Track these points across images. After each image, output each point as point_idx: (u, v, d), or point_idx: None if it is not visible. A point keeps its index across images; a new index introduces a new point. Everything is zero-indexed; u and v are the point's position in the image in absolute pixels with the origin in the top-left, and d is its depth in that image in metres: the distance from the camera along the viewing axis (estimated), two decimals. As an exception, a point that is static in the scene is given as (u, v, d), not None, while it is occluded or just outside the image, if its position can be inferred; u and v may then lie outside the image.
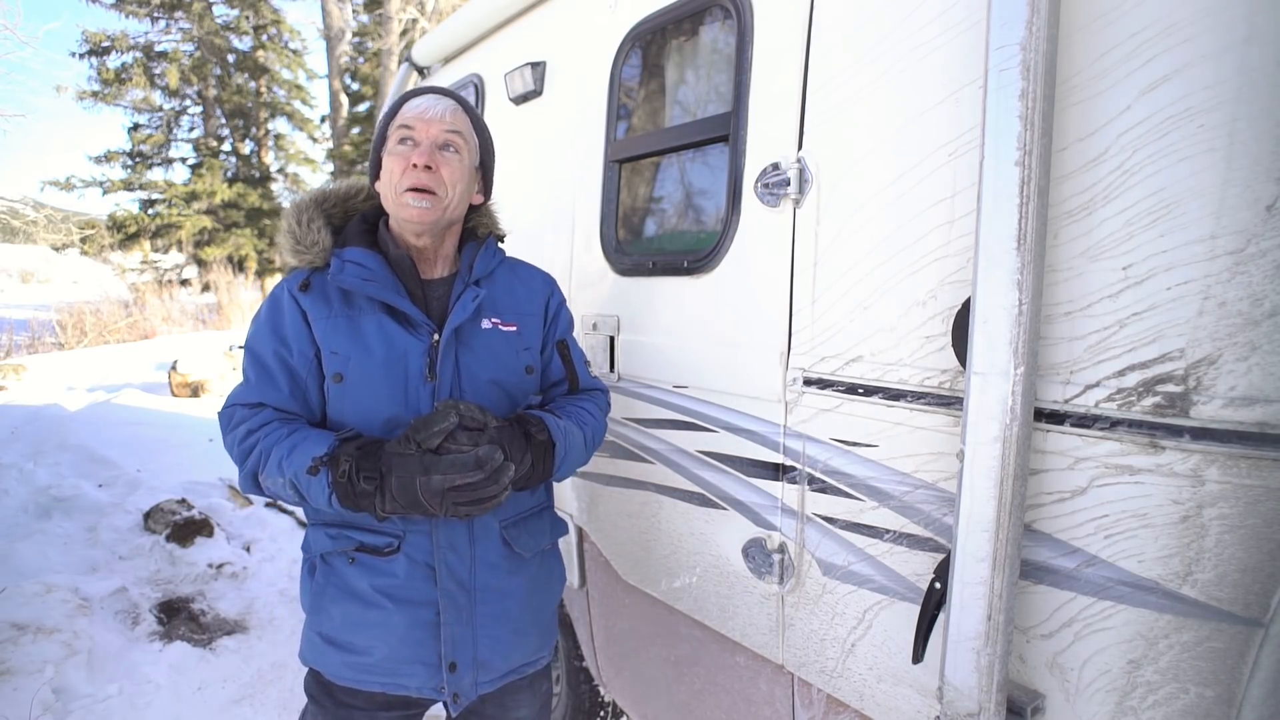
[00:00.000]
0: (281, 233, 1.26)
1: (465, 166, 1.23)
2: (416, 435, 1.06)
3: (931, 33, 1.01)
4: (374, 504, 1.07)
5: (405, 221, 1.19)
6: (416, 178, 1.17)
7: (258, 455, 1.13)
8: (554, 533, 1.38)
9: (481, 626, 1.24)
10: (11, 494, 3.92)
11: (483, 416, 1.11)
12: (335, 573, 1.22)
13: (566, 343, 1.39)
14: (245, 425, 1.17)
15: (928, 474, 1.03)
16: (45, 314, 12.92)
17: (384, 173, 1.22)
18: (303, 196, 1.30)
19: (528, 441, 1.17)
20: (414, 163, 1.16)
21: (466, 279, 1.26)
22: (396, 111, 1.24)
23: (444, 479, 1.03)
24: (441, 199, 1.19)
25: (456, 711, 1.25)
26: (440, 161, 1.19)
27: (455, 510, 1.06)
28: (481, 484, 1.05)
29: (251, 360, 1.21)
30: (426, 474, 1.03)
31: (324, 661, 1.24)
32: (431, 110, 1.20)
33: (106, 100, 15.89)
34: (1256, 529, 0.73)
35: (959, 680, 0.89)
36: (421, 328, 1.19)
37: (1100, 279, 0.83)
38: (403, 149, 1.19)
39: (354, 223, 1.28)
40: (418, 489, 1.03)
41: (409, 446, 1.06)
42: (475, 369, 1.22)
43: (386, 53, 12.17)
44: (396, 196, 1.18)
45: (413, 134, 1.19)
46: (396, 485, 1.04)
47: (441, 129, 1.20)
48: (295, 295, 1.20)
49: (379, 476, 1.06)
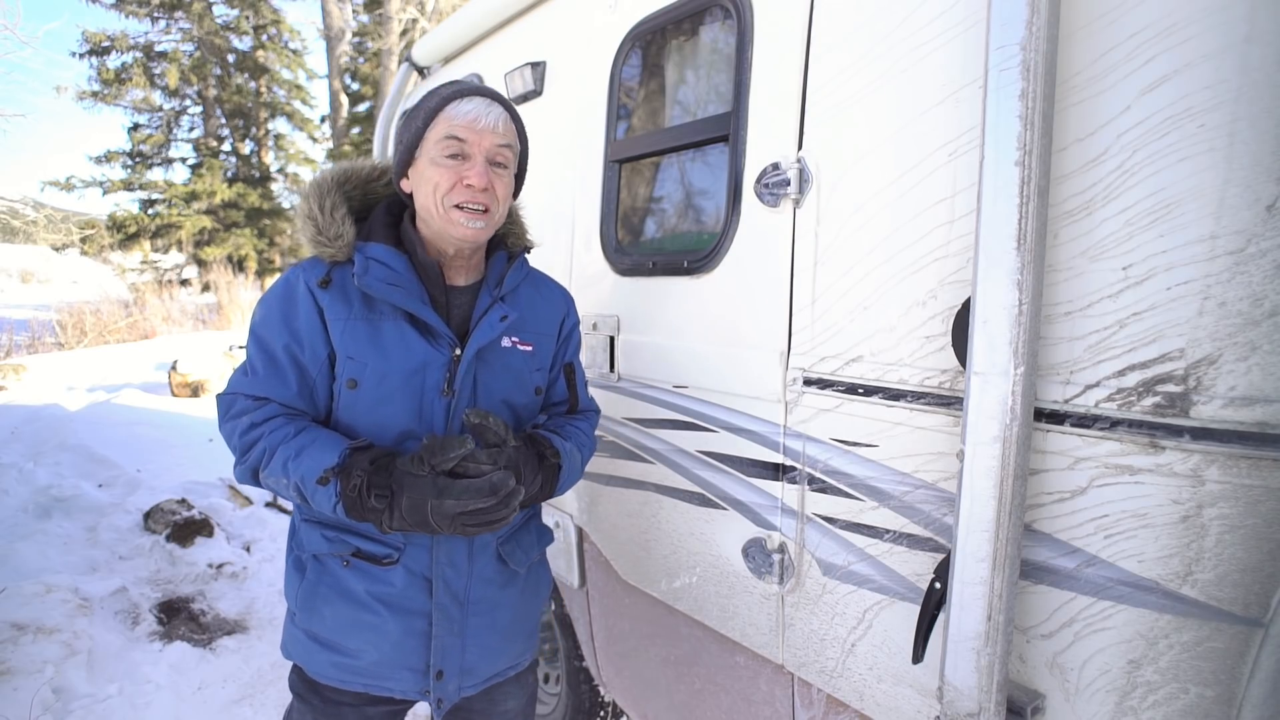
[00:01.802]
0: (301, 217, 1.17)
1: (511, 178, 1.19)
2: (431, 459, 1.03)
3: (931, 33, 1.01)
4: (381, 520, 1.05)
5: (454, 239, 1.14)
6: (472, 196, 1.11)
7: (260, 452, 1.10)
8: (541, 543, 1.38)
9: (471, 636, 1.24)
10: (11, 494, 3.92)
11: (505, 434, 1.10)
12: (328, 573, 1.19)
13: (573, 366, 1.39)
14: (248, 417, 1.12)
15: (928, 474, 1.03)
16: (45, 314, 12.91)
17: (424, 181, 1.14)
18: (324, 175, 1.22)
19: (540, 464, 1.17)
20: (469, 182, 1.11)
21: (494, 292, 1.22)
22: (437, 111, 1.14)
23: (457, 504, 1.01)
24: (493, 215, 1.15)
25: (440, 715, 1.25)
26: (494, 179, 1.13)
27: (463, 531, 1.04)
28: (492, 509, 1.03)
29: (259, 350, 1.15)
30: (440, 498, 1.01)
31: (310, 660, 1.22)
32: (484, 120, 1.12)
33: (106, 100, 15.89)
34: (1256, 529, 0.72)
35: (959, 680, 0.89)
36: (443, 339, 1.15)
37: (1100, 279, 0.83)
38: (452, 162, 1.12)
39: (379, 213, 1.22)
40: (428, 512, 1.02)
41: (422, 468, 1.03)
42: (493, 387, 1.21)
43: (386, 53, 12.17)
44: (443, 211, 1.12)
45: (464, 146, 1.12)
46: (407, 505, 1.02)
47: (495, 143, 1.13)
48: (314, 291, 1.13)
49: (390, 494, 1.04)
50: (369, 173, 1.27)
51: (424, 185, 1.14)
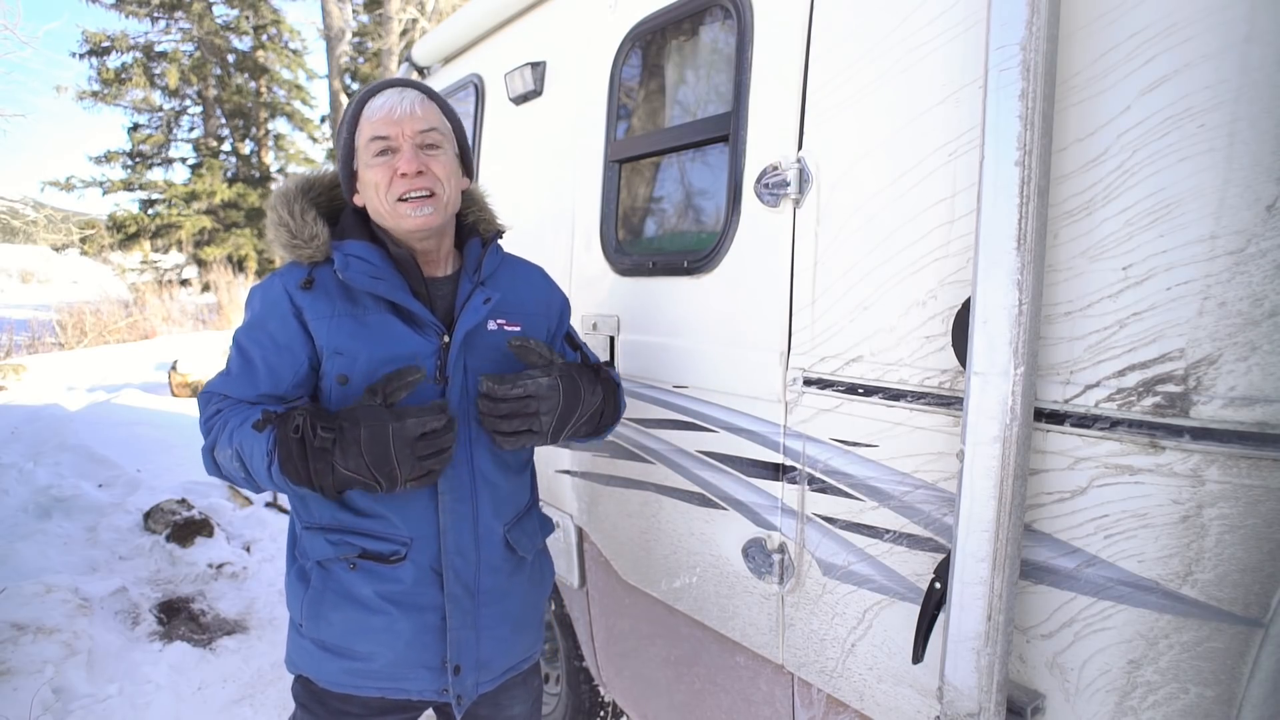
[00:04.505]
0: (272, 226, 1.18)
1: (451, 157, 1.18)
2: (385, 388, 1.05)
3: (931, 33, 1.01)
4: (329, 463, 1.00)
5: (408, 231, 1.15)
6: (410, 184, 1.11)
7: (216, 429, 1.09)
8: (544, 530, 1.39)
9: (485, 628, 1.24)
10: (11, 494, 3.92)
11: (550, 355, 1.18)
12: (334, 579, 1.18)
13: (571, 334, 1.42)
14: (214, 405, 1.14)
15: (928, 474, 1.03)
16: (45, 314, 12.91)
17: (366, 186, 1.15)
18: (287, 185, 1.22)
19: (596, 374, 1.23)
20: (401, 171, 1.11)
21: (474, 278, 1.23)
22: (357, 116, 1.15)
23: (418, 422, 1.01)
24: (441, 198, 1.15)
25: (460, 713, 1.25)
26: (428, 160, 1.13)
27: (420, 465, 1.02)
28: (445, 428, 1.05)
29: (237, 353, 1.16)
30: (400, 419, 1.00)
31: (320, 670, 1.21)
32: (399, 109, 1.12)
33: (106, 100, 15.89)
34: (1256, 529, 0.72)
35: (959, 680, 0.89)
36: (430, 328, 1.16)
37: (1100, 279, 0.83)
38: (383, 159, 1.12)
39: (348, 214, 1.22)
40: (389, 437, 1.00)
41: (374, 398, 1.05)
42: (484, 370, 1.21)
43: (386, 53, 12.17)
44: (390, 208, 1.13)
45: (389, 142, 1.12)
46: (366, 435, 0.99)
47: (416, 127, 1.12)
48: (292, 294, 1.13)
49: (340, 430, 1.01)
50: (332, 179, 1.27)
51: (367, 190, 1.15)
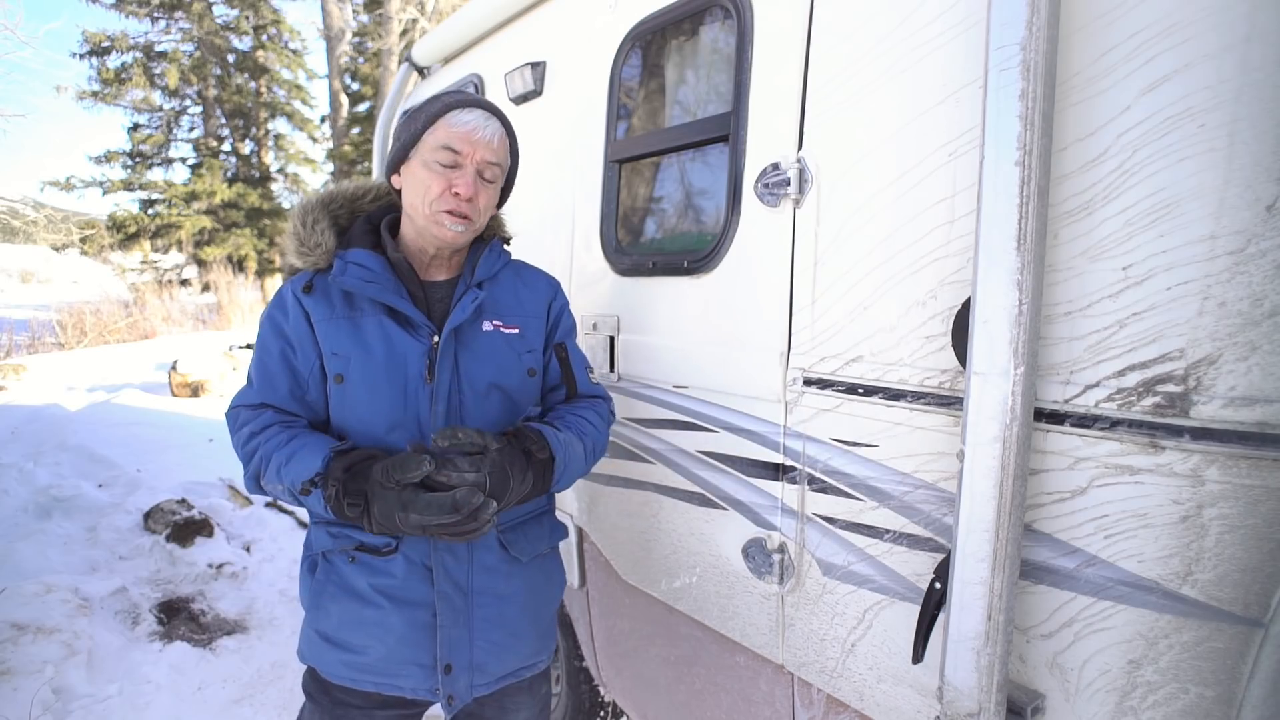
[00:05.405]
0: (286, 234, 1.27)
1: (496, 190, 1.26)
2: (396, 474, 1.03)
3: (931, 33, 1.01)
4: (362, 524, 1.09)
5: (435, 239, 1.21)
6: (457, 204, 1.18)
7: (259, 461, 1.16)
8: (553, 537, 1.38)
9: (478, 630, 1.24)
10: (11, 494, 3.92)
11: (482, 440, 1.09)
12: (335, 571, 1.23)
13: (565, 346, 1.38)
14: (248, 428, 1.19)
15: (928, 474, 1.03)
16: (45, 314, 12.92)
17: (415, 181, 1.20)
18: (309, 197, 1.31)
19: (528, 460, 1.16)
20: (457, 190, 1.17)
21: (469, 281, 1.27)
22: (438, 117, 1.20)
23: (420, 518, 1.02)
24: (474, 224, 1.22)
25: (451, 714, 1.25)
26: (479, 189, 1.20)
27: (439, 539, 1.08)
28: (458, 523, 1.03)
29: (256, 362, 1.24)
30: (405, 511, 1.03)
31: (321, 659, 1.24)
32: (481, 133, 1.19)
33: (106, 100, 15.89)
34: (1256, 529, 0.72)
35: (959, 680, 0.89)
36: (422, 329, 1.20)
37: (1100, 279, 0.83)
38: (444, 170, 1.18)
39: (359, 224, 1.29)
40: (397, 523, 1.04)
41: (389, 480, 1.04)
42: (475, 372, 1.22)
43: (386, 53, 12.18)
44: (431, 213, 1.19)
45: (459, 157, 1.18)
46: (379, 514, 1.05)
47: (486, 157, 1.20)
48: (299, 296, 1.21)
49: (363, 503, 1.07)
50: (353, 192, 1.35)
51: (414, 185, 1.21)
